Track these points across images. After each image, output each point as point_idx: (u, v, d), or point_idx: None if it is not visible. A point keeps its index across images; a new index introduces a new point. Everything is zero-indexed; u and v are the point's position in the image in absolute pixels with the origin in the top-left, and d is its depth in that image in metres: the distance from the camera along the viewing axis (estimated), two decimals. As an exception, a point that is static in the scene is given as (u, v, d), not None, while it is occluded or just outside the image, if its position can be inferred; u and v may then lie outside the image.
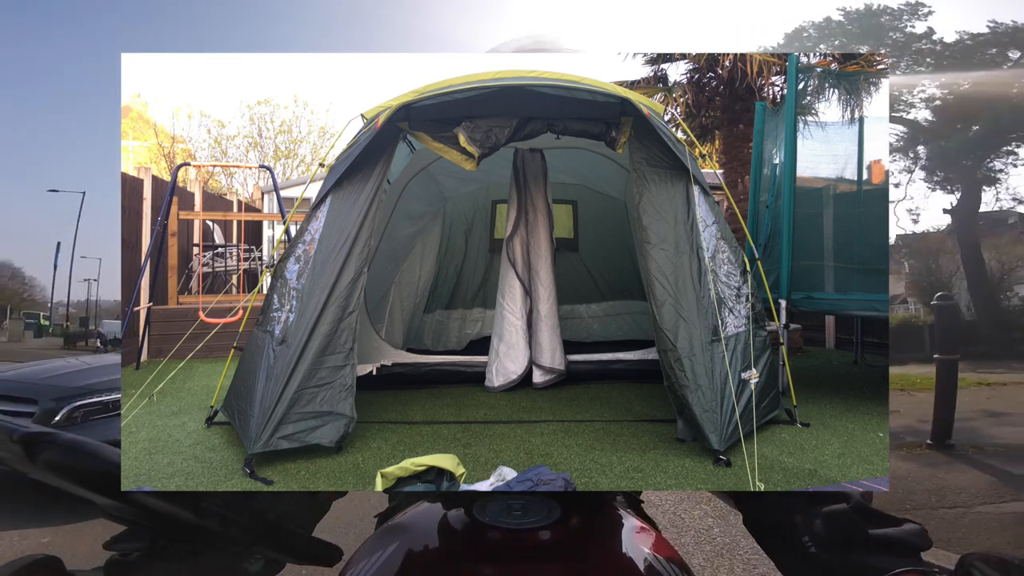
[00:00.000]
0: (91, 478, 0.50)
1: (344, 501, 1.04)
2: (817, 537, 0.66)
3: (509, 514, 0.68)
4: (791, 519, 0.68)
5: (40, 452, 0.49)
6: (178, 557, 0.60)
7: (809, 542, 0.66)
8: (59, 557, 0.54)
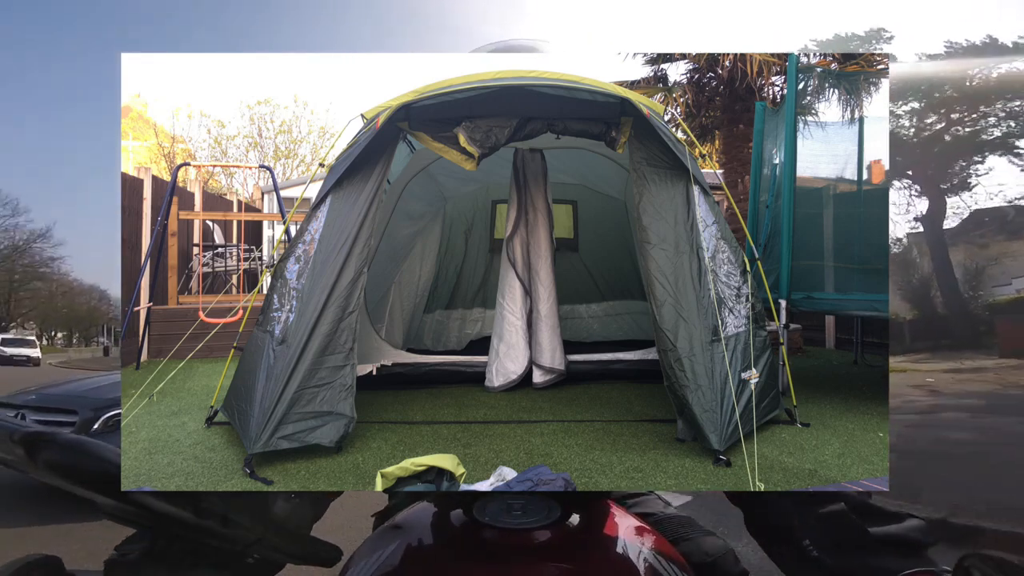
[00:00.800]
0: (91, 478, 0.50)
1: (344, 501, 1.04)
2: (818, 540, 0.64)
3: (509, 514, 0.68)
4: (789, 522, 0.67)
5: (40, 452, 0.49)
6: (178, 557, 0.60)
7: (810, 545, 0.65)
8: (59, 557, 0.54)
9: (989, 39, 14.70)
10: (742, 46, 27.26)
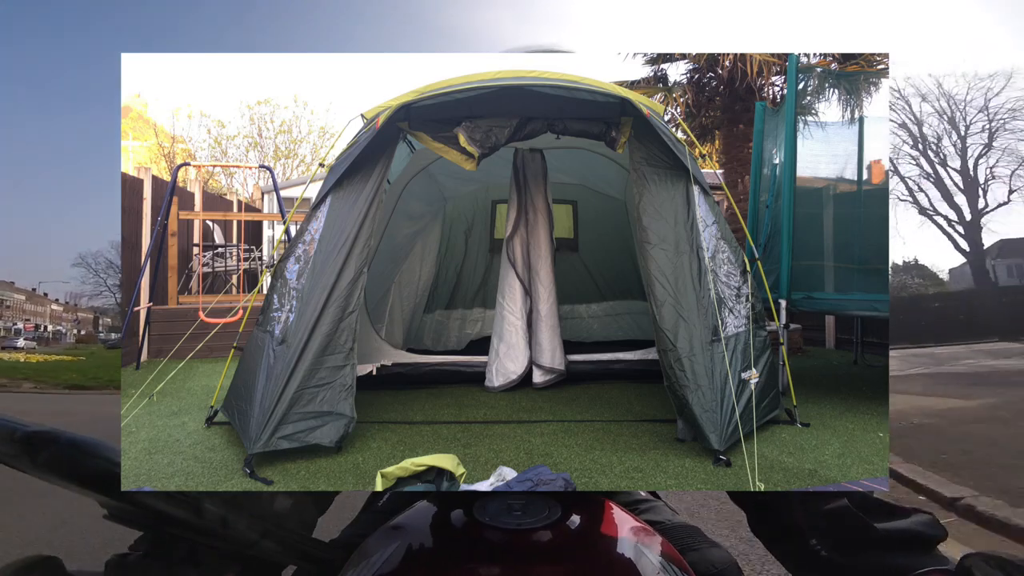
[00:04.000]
0: (91, 478, 0.50)
1: (343, 500, 1.04)
2: (825, 538, 0.63)
3: (509, 514, 0.68)
4: (795, 521, 0.66)
5: (40, 451, 0.49)
6: (178, 557, 0.60)
7: (817, 544, 0.64)
8: (59, 557, 0.54)
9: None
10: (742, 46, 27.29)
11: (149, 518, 0.53)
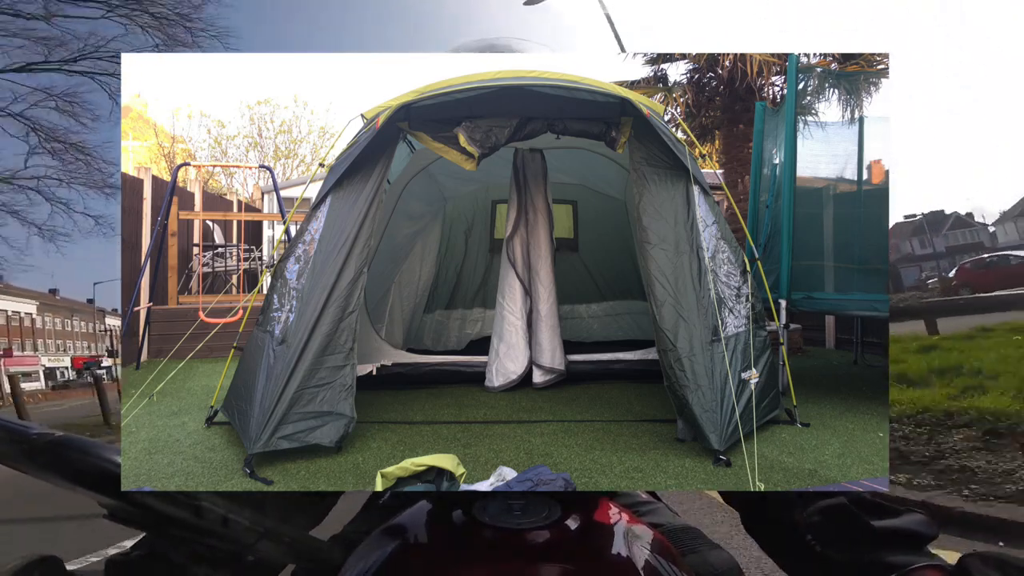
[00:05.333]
0: (91, 478, 0.50)
1: (343, 501, 1.04)
2: (821, 535, 0.64)
3: (509, 514, 0.68)
4: (790, 517, 0.67)
5: (40, 452, 0.49)
6: (179, 557, 0.60)
7: (813, 540, 0.64)
8: (59, 557, 0.54)
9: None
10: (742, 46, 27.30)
11: (149, 518, 0.53)
